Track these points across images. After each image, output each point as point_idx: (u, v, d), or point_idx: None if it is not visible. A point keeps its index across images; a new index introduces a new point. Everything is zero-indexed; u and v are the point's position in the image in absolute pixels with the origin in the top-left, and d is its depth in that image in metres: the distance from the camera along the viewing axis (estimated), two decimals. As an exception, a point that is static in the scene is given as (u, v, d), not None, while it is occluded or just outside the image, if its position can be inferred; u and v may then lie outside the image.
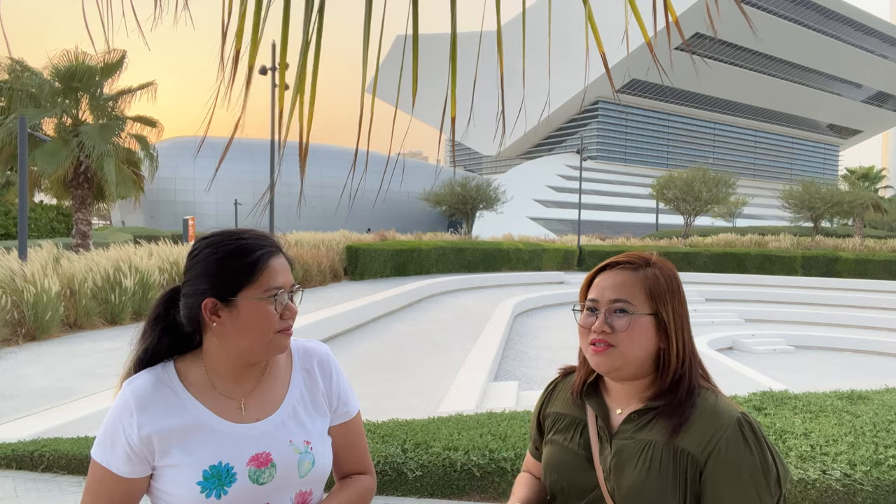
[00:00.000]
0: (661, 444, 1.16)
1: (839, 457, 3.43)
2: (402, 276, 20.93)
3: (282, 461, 1.18)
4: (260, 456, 1.17)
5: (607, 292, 1.23)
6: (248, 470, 1.15)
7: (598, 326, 1.21)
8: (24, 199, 12.43)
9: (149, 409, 1.15)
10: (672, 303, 1.23)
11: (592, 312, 1.25)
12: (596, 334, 1.21)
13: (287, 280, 1.21)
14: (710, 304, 20.54)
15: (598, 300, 1.24)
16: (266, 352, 1.19)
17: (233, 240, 1.19)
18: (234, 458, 1.15)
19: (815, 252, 26.32)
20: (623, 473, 1.17)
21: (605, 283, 1.25)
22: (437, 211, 43.29)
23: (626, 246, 28.66)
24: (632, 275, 1.24)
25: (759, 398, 4.74)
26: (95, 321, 10.77)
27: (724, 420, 1.15)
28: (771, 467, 1.12)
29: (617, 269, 1.26)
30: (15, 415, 5.87)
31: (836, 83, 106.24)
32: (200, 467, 1.13)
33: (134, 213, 44.07)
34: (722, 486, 1.11)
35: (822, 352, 15.39)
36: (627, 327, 1.19)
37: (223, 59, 1.07)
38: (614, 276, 1.25)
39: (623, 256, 1.29)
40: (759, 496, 1.10)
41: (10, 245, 16.28)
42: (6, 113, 16.65)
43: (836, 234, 37.82)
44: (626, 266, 1.26)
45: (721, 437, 1.13)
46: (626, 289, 1.22)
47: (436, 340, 11.58)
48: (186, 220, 24.54)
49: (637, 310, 1.20)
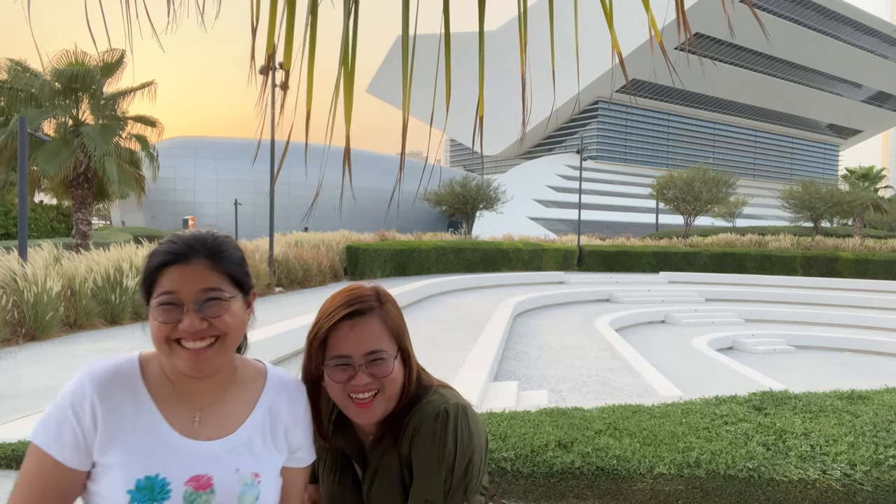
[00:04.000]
0: (393, 459, 1.23)
1: (839, 457, 3.43)
2: (402, 276, 20.94)
3: (222, 489, 1.10)
4: (200, 478, 1.09)
5: (360, 346, 1.20)
6: (185, 490, 1.07)
7: (361, 381, 1.19)
8: (25, 199, 12.43)
9: (103, 394, 1.09)
10: (406, 332, 1.28)
11: (346, 367, 1.20)
12: (358, 387, 1.19)
13: (185, 288, 1.10)
14: (710, 304, 20.54)
15: (352, 356, 1.20)
16: (171, 362, 1.11)
17: (157, 247, 1.17)
18: (172, 473, 1.08)
19: (815, 252, 26.32)
20: (378, 496, 1.23)
21: (352, 336, 1.21)
22: (437, 211, 43.31)
23: (626, 246, 28.66)
24: (373, 320, 1.23)
25: (759, 398, 4.74)
26: (95, 321, 10.77)
27: (425, 416, 1.21)
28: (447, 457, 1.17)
29: (359, 318, 1.22)
30: (15, 415, 5.87)
31: (836, 83, 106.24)
32: (135, 475, 1.06)
33: (134, 213, 44.07)
34: (418, 479, 1.19)
35: (822, 352, 15.39)
36: (389, 372, 1.20)
37: (254, 59, 1.07)
38: (359, 328, 1.21)
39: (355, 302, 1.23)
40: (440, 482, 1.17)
41: (11, 245, 16.29)
42: (6, 113, 16.66)
43: (836, 234, 37.82)
44: (365, 312, 1.23)
45: (417, 433, 1.20)
46: (375, 337, 1.21)
47: (436, 340, 11.58)
48: (186, 219, 24.56)
49: (390, 353, 1.22)
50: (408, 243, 22.77)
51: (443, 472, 1.17)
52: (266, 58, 1.05)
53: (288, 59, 1.07)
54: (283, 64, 1.07)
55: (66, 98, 17.23)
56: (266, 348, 9.02)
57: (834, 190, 35.61)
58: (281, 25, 1.07)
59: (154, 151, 19.06)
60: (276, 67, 1.10)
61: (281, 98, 1.07)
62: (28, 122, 13.52)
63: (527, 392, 8.35)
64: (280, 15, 1.07)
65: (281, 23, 1.07)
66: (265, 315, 12.28)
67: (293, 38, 1.07)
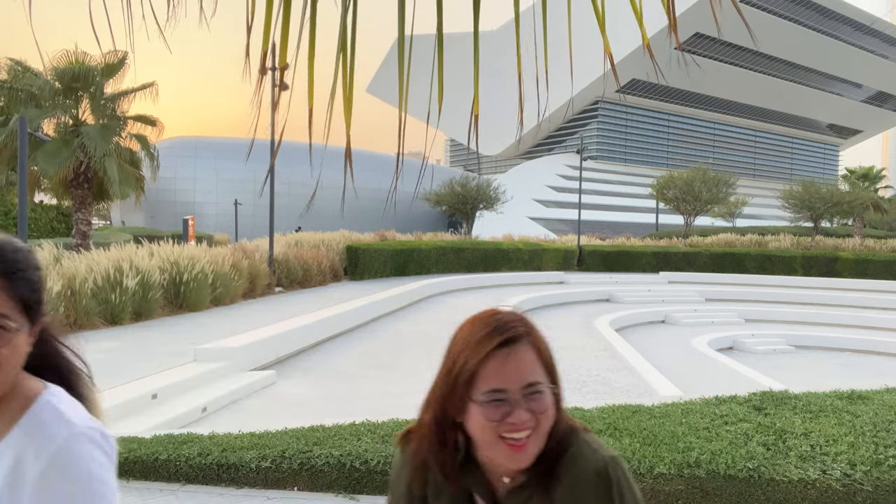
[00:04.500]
0: None
1: (839, 457, 3.43)
2: (402, 276, 20.93)
3: None
4: None
5: (516, 379, 1.06)
6: None
7: (521, 419, 1.05)
8: (24, 199, 12.43)
9: None
10: (554, 363, 1.13)
11: (502, 403, 1.06)
12: (516, 426, 1.05)
13: None
14: (710, 304, 20.54)
15: (508, 389, 1.06)
16: None
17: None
18: None
19: (815, 252, 26.32)
20: None
21: (508, 368, 1.07)
22: (437, 211, 43.31)
23: (626, 246, 28.65)
24: (527, 349, 1.10)
25: (759, 398, 4.73)
26: (96, 321, 10.77)
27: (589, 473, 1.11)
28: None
29: (511, 347, 1.08)
30: (15, 415, 5.86)
31: (836, 83, 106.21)
32: None
33: (134, 213, 44.06)
34: None
35: (822, 352, 15.38)
36: (547, 407, 1.08)
37: (248, 57, 1.06)
38: (515, 357, 1.08)
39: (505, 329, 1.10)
40: None
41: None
42: (6, 113, 16.65)
43: (836, 234, 37.81)
44: (517, 340, 1.09)
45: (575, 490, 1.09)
46: (531, 368, 1.08)
47: (436, 340, 11.57)
48: (186, 220, 24.53)
49: (546, 385, 1.09)
50: (408, 243, 22.77)
51: None
52: (262, 55, 1.04)
53: (283, 55, 1.07)
54: (279, 62, 1.07)
55: (66, 98, 17.23)
56: (266, 349, 9.02)
57: (834, 190, 35.60)
58: (277, 20, 1.07)
59: (154, 151, 19.06)
60: (275, 67, 1.10)
61: (278, 96, 1.07)
62: (28, 121, 13.52)
63: (527, 392, 8.32)
64: (276, 11, 1.06)
65: (277, 18, 1.07)
66: (266, 315, 12.29)
67: (288, 33, 1.07)
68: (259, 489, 4.08)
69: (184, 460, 4.09)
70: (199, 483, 4.10)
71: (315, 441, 4.28)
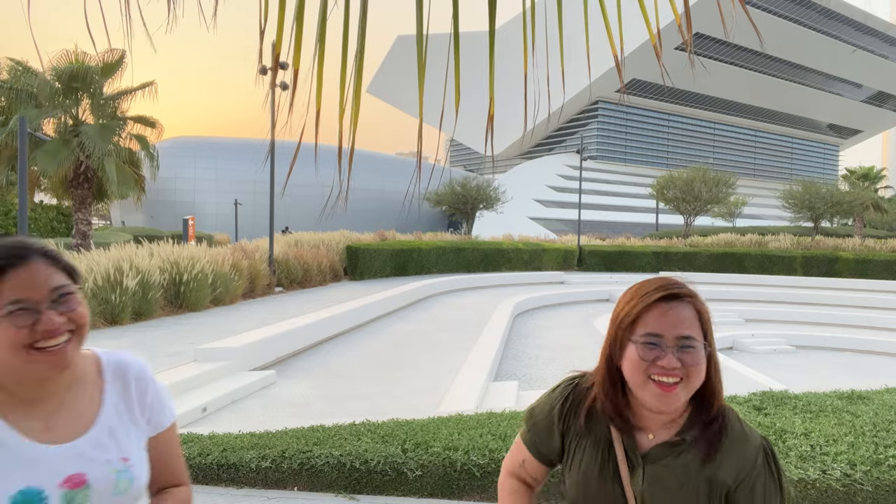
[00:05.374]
0: (695, 472, 1.20)
1: (839, 457, 3.43)
2: (402, 276, 20.93)
3: (97, 481, 1.11)
4: (74, 477, 1.09)
5: (673, 328, 1.19)
6: (61, 493, 1.07)
7: (670, 363, 1.17)
8: (24, 199, 12.43)
9: None
10: (712, 332, 1.25)
11: (654, 347, 1.19)
12: (666, 370, 1.17)
13: (33, 289, 1.06)
14: (710, 304, 20.19)
15: (664, 335, 1.19)
16: (23, 372, 1.07)
17: None
18: (44, 482, 1.06)
19: (815, 252, 26.31)
20: (657, 499, 1.20)
21: (667, 317, 1.20)
22: (438, 211, 43.32)
23: (626, 246, 28.65)
24: (688, 308, 1.23)
25: (759, 398, 4.73)
26: (95, 321, 10.76)
27: (752, 449, 1.22)
28: (784, 489, 1.22)
29: (676, 302, 1.22)
30: (15, 415, 5.86)
31: (836, 83, 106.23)
32: (7, 493, 1.03)
33: (134, 213, 44.07)
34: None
35: (822, 352, 15.38)
36: (697, 362, 1.18)
37: (261, 58, 1.06)
38: (676, 311, 1.21)
39: (672, 288, 1.24)
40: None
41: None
42: (6, 113, 16.65)
43: (836, 234, 37.81)
44: (684, 299, 1.23)
45: (753, 467, 1.20)
46: (688, 323, 1.20)
47: (436, 340, 11.58)
48: (186, 220, 24.53)
49: (700, 344, 1.20)
50: (408, 243, 22.76)
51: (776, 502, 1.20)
52: (274, 57, 1.05)
53: (297, 58, 1.07)
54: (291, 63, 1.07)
55: (66, 97, 17.23)
56: (266, 349, 9.01)
57: (834, 190, 35.63)
58: (286, 23, 1.07)
59: (154, 151, 19.06)
60: (281, 66, 1.10)
61: (286, 97, 1.07)
62: (28, 121, 13.52)
63: (527, 392, 8.35)
64: (288, 15, 1.06)
65: (288, 22, 1.07)
66: (266, 315, 12.29)
67: (302, 36, 1.06)
68: (259, 489, 4.08)
69: (184, 460, 4.08)
70: (199, 483, 4.10)
71: (315, 441, 4.28)
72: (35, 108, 16.41)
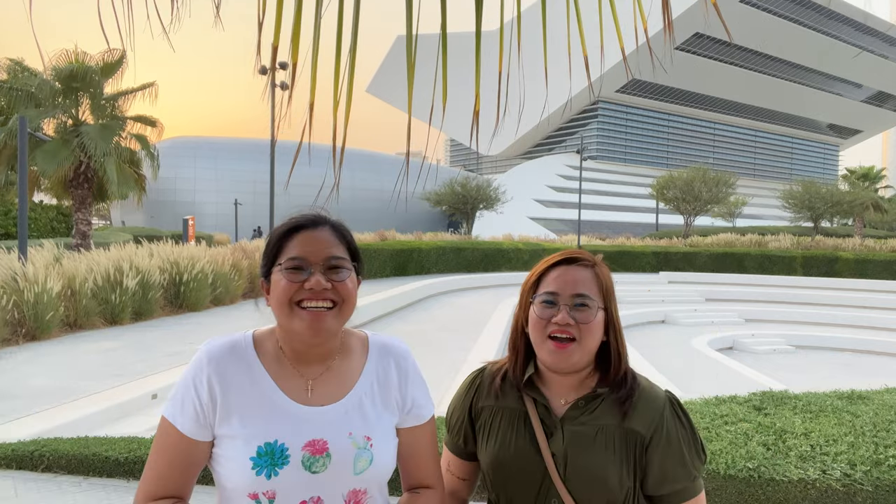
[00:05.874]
0: (614, 426, 1.26)
1: (839, 457, 3.43)
2: (402, 276, 20.93)
3: (338, 452, 1.15)
4: (316, 442, 1.14)
5: (568, 287, 1.27)
6: (303, 455, 1.13)
7: (563, 318, 1.24)
8: (24, 199, 12.42)
9: (220, 369, 1.17)
10: (614, 300, 1.32)
11: (551, 305, 1.26)
12: (558, 327, 1.24)
13: (313, 252, 1.17)
14: (710, 304, 20.54)
15: (559, 293, 1.27)
16: (290, 325, 1.16)
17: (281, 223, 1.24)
18: (290, 439, 1.13)
19: (815, 252, 26.30)
20: (580, 456, 1.25)
21: (564, 277, 1.28)
22: (438, 211, 43.32)
23: (626, 246, 28.66)
24: (588, 272, 1.30)
25: (759, 398, 4.73)
26: (95, 321, 10.76)
27: (660, 400, 1.30)
28: (696, 436, 1.30)
29: (574, 265, 1.30)
30: (15, 415, 5.86)
31: (836, 83, 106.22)
32: (256, 442, 1.12)
33: (134, 213, 44.05)
34: (666, 457, 1.26)
35: (822, 352, 15.39)
36: (591, 320, 1.25)
37: (259, 54, 1.07)
38: (573, 272, 1.29)
39: (573, 253, 1.33)
40: (692, 462, 1.28)
41: (11, 245, 16.28)
42: (6, 113, 16.65)
43: (836, 234, 37.82)
44: (582, 263, 1.31)
45: (662, 417, 1.27)
46: (585, 284, 1.28)
47: (436, 340, 11.58)
48: (186, 219, 24.52)
49: (595, 304, 1.26)
50: (408, 243, 22.76)
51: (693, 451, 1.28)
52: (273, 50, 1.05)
53: (295, 53, 1.07)
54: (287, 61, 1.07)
55: (66, 97, 17.23)
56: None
57: (834, 190, 35.65)
58: (282, 19, 1.07)
59: (154, 151, 19.06)
60: (281, 66, 1.10)
61: (285, 94, 1.07)
62: (28, 121, 13.51)
63: (527, 392, 8.34)
64: (285, 11, 1.06)
65: (283, 18, 1.07)
66: (265, 315, 12.28)
67: (300, 32, 1.07)
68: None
69: (184, 460, 4.07)
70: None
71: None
72: (35, 108, 16.40)
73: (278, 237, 1.20)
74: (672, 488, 1.27)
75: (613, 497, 1.23)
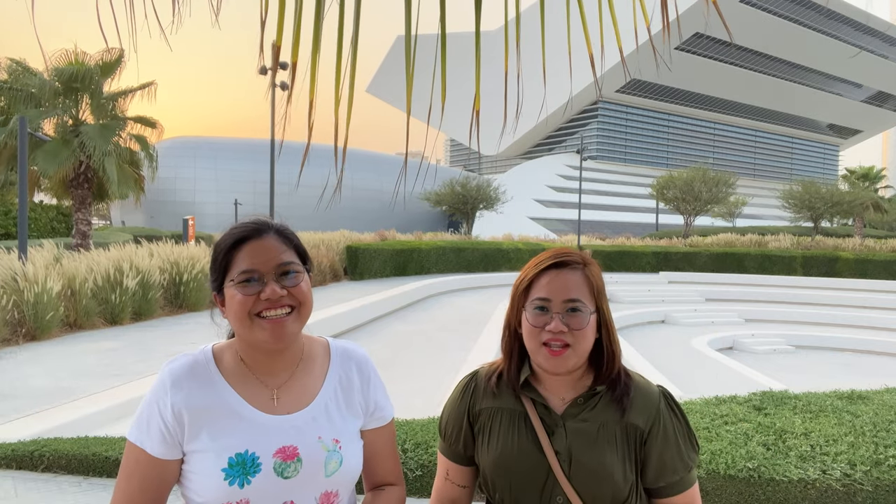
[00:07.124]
0: (614, 422, 1.28)
1: (839, 457, 3.43)
2: (401, 276, 20.92)
3: (308, 457, 1.17)
4: (287, 449, 1.17)
5: (560, 293, 1.26)
6: (274, 462, 1.15)
7: (556, 327, 1.24)
8: (24, 199, 12.42)
9: (183, 387, 1.16)
10: (605, 299, 1.33)
11: (543, 312, 1.27)
12: (552, 334, 1.24)
13: (263, 262, 1.17)
14: (710, 304, 20.54)
15: (551, 300, 1.26)
16: (251, 337, 1.17)
17: (224, 233, 1.23)
18: (260, 447, 1.15)
19: (815, 252, 26.30)
20: (585, 453, 1.26)
21: (555, 283, 1.28)
22: (438, 211, 43.31)
23: (626, 246, 28.65)
24: (578, 274, 1.29)
25: (759, 398, 4.73)
26: (95, 321, 10.76)
27: (654, 395, 1.33)
28: (691, 429, 1.33)
29: (564, 269, 1.29)
30: (15, 415, 5.86)
31: (836, 83, 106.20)
32: (226, 454, 1.13)
33: (134, 213, 44.05)
34: (664, 449, 1.28)
35: (823, 352, 15.38)
36: (584, 325, 1.25)
37: (262, 52, 1.07)
38: (564, 277, 1.28)
39: (562, 255, 1.32)
40: (688, 453, 1.31)
41: (11, 245, 16.28)
42: (7, 113, 16.64)
43: (836, 234, 37.81)
44: (573, 266, 1.30)
45: (657, 411, 1.30)
46: (576, 289, 1.27)
47: (436, 340, 11.58)
48: (186, 220, 24.50)
49: (588, 308, 1.27)
50: (408, 243, 22.75)
51: (688, 443, 1.31)
52: (275, 50, 1.05)
53: (295, 52, 1.07)
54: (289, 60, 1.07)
55: (66, 97, 17.22)
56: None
57: (834, 190, 35.63)
58: (283, 19, 1.07)
59: (154, 151, 19.05)
60: (281, 66, 1.10)
61: (286, 94, 1.07)
62: (28, 121, 13.51)
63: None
64: (287, 10, 1.06)
65: (284, 17, 1.07)
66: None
67: (300, 31, 1.07)
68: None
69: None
70: None
71: (315, 441, 4.27)
72: (35, 108, 16.40)
73: (225, 251, 1.19)
74: (670, 479, 1.29)
75: (618, 491, 1.25)
